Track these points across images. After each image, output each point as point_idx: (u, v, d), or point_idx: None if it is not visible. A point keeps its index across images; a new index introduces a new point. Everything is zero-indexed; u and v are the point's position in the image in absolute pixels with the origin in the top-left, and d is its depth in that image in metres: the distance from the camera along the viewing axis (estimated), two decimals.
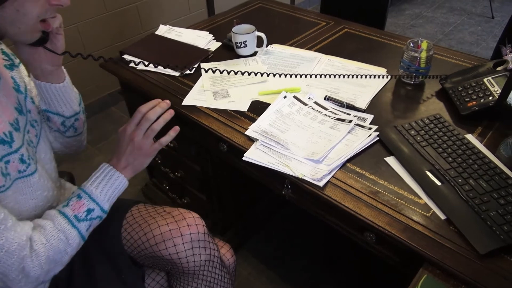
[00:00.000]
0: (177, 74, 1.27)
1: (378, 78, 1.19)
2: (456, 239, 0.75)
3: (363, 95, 1.14)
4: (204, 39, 1.46)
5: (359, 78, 1.18)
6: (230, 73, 1.09)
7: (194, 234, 0.88)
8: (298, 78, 1.14)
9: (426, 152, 0.92)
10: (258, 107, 1.12)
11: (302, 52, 1.37)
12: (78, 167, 2.04)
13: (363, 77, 1.17)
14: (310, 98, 1.13)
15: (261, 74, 1.13)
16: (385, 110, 1.10)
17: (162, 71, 1.28)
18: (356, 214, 0.82)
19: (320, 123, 1.04)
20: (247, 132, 1.02)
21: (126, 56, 1.36)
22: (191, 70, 1.27)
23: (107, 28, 2.31)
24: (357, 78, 1.17)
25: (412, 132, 0.98)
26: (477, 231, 0.75)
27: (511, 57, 1.07)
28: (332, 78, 1.16)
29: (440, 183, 0.85)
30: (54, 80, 0.83)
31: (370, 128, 1.01)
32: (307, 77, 1.15)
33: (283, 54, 1.36)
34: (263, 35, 1.34)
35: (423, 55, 1.13)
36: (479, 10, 3.61)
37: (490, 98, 1.01)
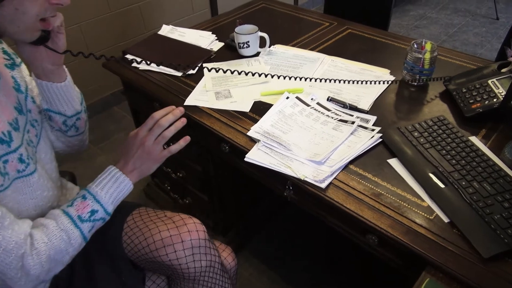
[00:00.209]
0: (179, 74, 1.27)
1: (381, 81, 1.18)
2: (460, 242, 0.74)
3: (366, 96, 1.14)
4: (207, 39, 1.46)
5: (362, 84, 1.17)
6: (234, 73, 1.08)
7: (195, 240, 0.87)
8: (300, 80, 1.13)
9: (430, 154, 0.91)
10: (260, 108, 1.12)
11: (305, 52, 1.37)
12: (80, 166, 2.04)
13: (366, 82, 1.16)
14: (312, 99, 1.12)
15: (265, 75, 1.13)
16: (388, 111, 1.09)
17: (164, 71, 1.28)
18: (358, 216, 0.81)
19: (322, 124, 1.04)
20: (249, 133, 1.02)
21: (129, 56, 1.36)
22: (194, 69, 1.27)
23: (110, 28, 2.31)
24: (361, 84, 1.16)
25: (416, 134, 0.97)
26: (480, 234, 0.74)
27: None
28: (335, 80, 1.15)
29: (443, 186, 0.84)
30: (56, 79, 0.83)
31: (373, 130, 1.00)
32: (311, 80, 1.15)
33: (286, 55, 1.35)
34: (266, 35, 1.34)
35: (427, 56, 1.12)
36: (483, 11, 3.59)
37: (495, 100, 1.00)
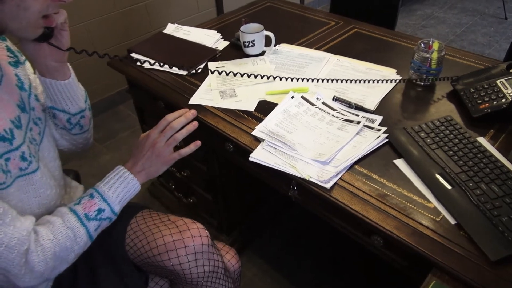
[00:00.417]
0: (184, 73, 1.27)
1: (388, 80, 1.17)
2: (466, 244, 0.73)
3: (372, 96, 1.13)
4: (212, 38, 1.45)
5: (368, 83, 1.16)
6: (236, 75, 1.08)
7: (198, 246, 0.86)
8: (304, 80, 1.12)
9: (436, 155, 0.90)
10: (265, 107, 1.11)
11: (311, 52, 1.36)
12: (85, 165, 2.05)
13: (371, 81, 1.15)
14: (318, 99, 1.11)
15: (267, 77, 1.12)
16: (394, 111, 1.08)
17: (169, 70, 1.28)
18: (363, 217, 0.80)
19: (328, 124, 1.03)
20: (253, 132, 1.01)
21: (134, 55, 1.36)
22: (197, 70, 1.26)
23: (116, 27, 2.31)
24: (367, 83, 1.15)
25: (422, 134, 0.96)
26: (488, 236, 0.73)
27: None
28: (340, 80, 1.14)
29: (450, 187, 0.83)
30: (60, 76, 0.83)
31: (379, 130, 0.99)
32: (313, 81, 1.14)
33: (291, 54, 1.35)
34: (271, 34, 1.33)
35: (434, 56, 1.10)
36: (492, 11, 3.56)
37: (503, 101, 0.98)
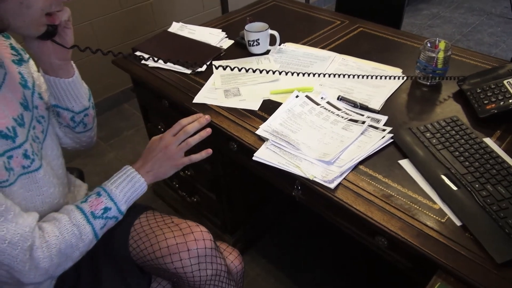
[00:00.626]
0: (188, 71, 1.26)
1: (393, 79, 1.16)
2: (472, 246, 0.72)
3: (377, 96, 1.12)
4: (216, 37, 1.45)
5: (374, 79, 1.15)
6: (241, 70, 1.07)
7: (201, 250, 0.86)
8: (311, 77, 1.12)
9: (442, 156, 0.89)
10: (270, 106, 1.10)
11: (316, 51, 1.35)
12: (89, 163, 2.05)
13: (377, 78, 1.14)
14: (322, 98, 1.11)
15: (273, 72, 1.11)
16: (400, 111, 1.07)
17: (174, 69, 1.28)
18: (367, 218, 0.80)
19: (332, 124, 1.02)
20: (257, 132, 1.01)
21: (138, 53, 1.36)
22: (201, 66, 1.26)
23: (121, 25, 2.32)
24: (371, 78, 1.14)
25: (428, 134, 0.95)
26: (494, 238, 0.72)
27: None
28: (346, 77, 1.14)
29: (456, 188, 0.82)
30: (63, 74, 0.82)
31: (384, 130, 0.98)
32: (320, 76, 1.13)
33: (296, 53, 1.34)
34: (276, 33, 1.32)
35: (441, 55, 1.09)
36: (499, 11, 3.53)
37: (511, 101, 0.97)
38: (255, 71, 1.09)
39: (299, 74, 1.11)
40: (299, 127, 1.02)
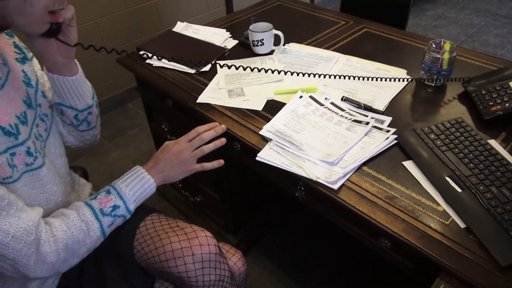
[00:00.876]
0: (192, 71, 1.26)
1: (398, 78, 1.15)
2: (476, 249, 0.72)
3: (382, 97, 1.11)
4: (221, 37, 1.45)
5: (378, 81, 1.14)
6: (246, 69, 1.07)
7: (206, 255, 0.86)
8: (315, 78, 1.12)
9: (446, 157, 0.89)
10: (273, 107, 1.10)
11: (320, 51, 1.35)
12: (94, 162, 2.06)
13: (382, 79, 1.13)
14: (326, 99, 1.10)
15: (278, 72, 1.11)
16: (404, 112, 1.06)
17: (178, 68, 1.28)
18: (370, 219, 0.80)
19: (336, 125, 1.02)
20: (261, 132, 1.01)
21: (143, 52, 1.36)
22: (205, 66, 1.26)
23: (126, 25, 2.32)
24: (375, 80, 1.13)
25: (432, 136, 0.94)
26: (498, 241, 0.71)
27: None
28: (350, 78, 1.13)
29: (460, 190, 0.81)
30: (67, 72, 0.83)
31: (388, 131, 0.98)
32: (325, 77, 1.13)
33: (300, 53, 1.34)
34: (280, 33, 1.32)
35: (446, 56, 1.09)
36: (504, 12, 3.51)
37: None
38: (260, 71, 1.09)
39: (304, 75, 1.11)
40: (303, 127, 1.02)
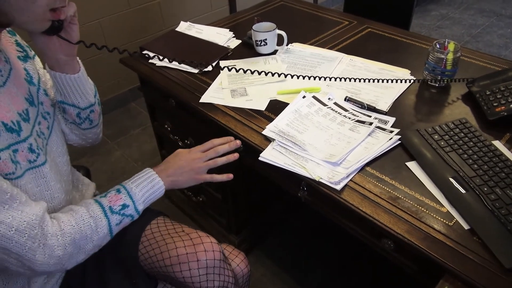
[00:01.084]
0: (195, 71, 1.26)
1: (401, 79, 1.15)
2: (480, 251, 0.71)
3: (385, 97, 1.11)
4: (224, 37, 1.45)
5: (381, 82, 1.14)
6: (247, 72, 1.07)
7: (210, 261, 0.86)
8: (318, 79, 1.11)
9: (450, 158, 0.88)
10: (276, 107, 1.10)
11: (323, 51, 1.34)
12: (97, 161, 2.06)
13: (385, 81, 1.13)
14: (329, 99, 1.10)
15: (278, 75, 1.10)
16: (407, 113, 1.06)
17: (181, 68, 1.28)
18: (374, 220, 0.79)
19: (339, 125, 1.02)
20: (264, 132, 1.00)
21: (146, 52, 1.36)
22: (207, 66, 1.26)
23: (129, 24, 2.33)
24: (378, 82, 1.13)
25: (436, 136, 0.94)
26: (502, 243, 0.71)
27: None
28: (353, 79, 1.13)
29: (464, 191, 0.81)
30: (69, 70, 0.83)
31: (392, 131, 0.98)
32: (326, 79, 1.12)
33: (303, 53, 1.33)
34: (283, 33, 1.32)
35: (450, 57, 1.08)
36: (509, 12, 3.49)
37: None
38: (260, 73, 1.09)
39: (305, 78, 1.10)
40: (306, 127, 1.01)
